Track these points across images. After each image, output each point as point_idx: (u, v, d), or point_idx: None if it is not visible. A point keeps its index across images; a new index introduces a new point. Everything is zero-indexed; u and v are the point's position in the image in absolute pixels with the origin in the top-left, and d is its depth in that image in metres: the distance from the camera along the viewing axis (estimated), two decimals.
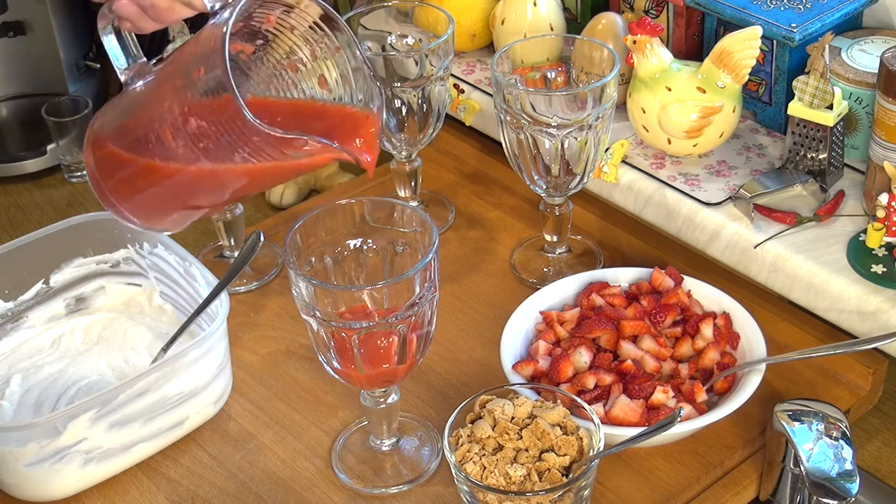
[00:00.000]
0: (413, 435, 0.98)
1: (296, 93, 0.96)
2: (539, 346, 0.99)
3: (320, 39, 0.93)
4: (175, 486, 0.95)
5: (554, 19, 1.24)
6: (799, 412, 0.90)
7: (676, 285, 1.02)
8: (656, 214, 1.11)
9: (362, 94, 0.94)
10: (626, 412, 0.91)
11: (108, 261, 1.10)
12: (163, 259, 1.08)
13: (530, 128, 1.03)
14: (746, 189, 1.06)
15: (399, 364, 0.87)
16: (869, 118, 1.07)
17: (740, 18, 1.09)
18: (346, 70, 0.94)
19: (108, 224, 1.07)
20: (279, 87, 0.96)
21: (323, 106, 0.95)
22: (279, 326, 1.11)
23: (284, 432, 1.00)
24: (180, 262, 1.05)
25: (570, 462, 0.83)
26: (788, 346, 1.03)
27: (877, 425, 1.03)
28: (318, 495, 0.94)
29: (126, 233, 1.08)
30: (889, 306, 0.95)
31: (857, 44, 1.10)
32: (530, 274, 1.15)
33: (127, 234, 1.08)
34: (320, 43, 0.93)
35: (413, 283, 0.83)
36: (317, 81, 0.95)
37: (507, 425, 0.84)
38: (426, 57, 1.11)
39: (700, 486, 0.93)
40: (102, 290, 1.11)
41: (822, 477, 0.86)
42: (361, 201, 0.91)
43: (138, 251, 1.09)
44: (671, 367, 0.97)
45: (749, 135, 1.16)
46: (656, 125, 1.10)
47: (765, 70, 1.12)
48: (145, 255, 1.09)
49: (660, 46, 1.08)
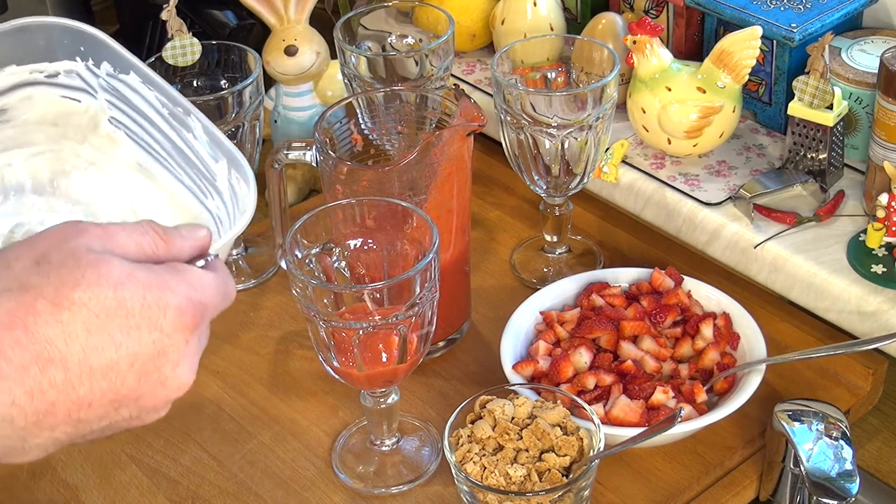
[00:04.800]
0: (413, 435, 0.98)
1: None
2: (539, 346, 0.99)
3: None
4: (175, 486, 0.95)
5: (554, 19, 1.24)
6: (799, 412, 0.90)
7: (676, 286, 1.02)
8: (656, 214, 1.11)
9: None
10: (626, 412, 0.91)
11: (43, 70, 0.91)
12: (134, 90, 0.90)
13: (530, 128, 1.03)
14: (746, 189, 1.06)
15: (399, 364, 0.87)
16: (869, 118, 1.07)
17: (740, 18, 1.09)
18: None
19: (63, 32, 0.89)
20: None
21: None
22: (279, 326, 1.11)
23: (284, 432, 1.00)
24: (165, 104, 0.89)
25: (570, 462, 0.83)
26: (788, 346, 1.03)
27: (877, 425, 1.03)
28: (318, 495, 0.94)
29: (80, 46, 0.89)
30: (889, 306, 0.95)
31: (857, 44, 1.11)
32: (530, 274, 1.15)
33: (80, 48, 0.89)
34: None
35: (413, 283, 0.83)
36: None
37: (507, 425, 0.84)
38: (426, 57, 1.11)
39: (700, 486, 0.93)
40: (28, 100, 0.92)
41: (822, 477, 0.86)
42: (361, 201, 0.91)
43: (90, 67, 0.90)
44: (671, 367, 0.97)
45: (749, 135, 1.16)
46: (656, 125, 1.10)
47: (765, 70, 1.12)
48: (100, 76, 0.91)
49: (660, 46, 1.08)
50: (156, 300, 0.59)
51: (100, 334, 0.58)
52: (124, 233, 0.62)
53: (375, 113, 1.01)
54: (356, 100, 1.00)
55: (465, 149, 0.96)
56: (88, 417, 0.59)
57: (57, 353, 0.57)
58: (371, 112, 1.01)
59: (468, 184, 1.00)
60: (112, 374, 0.58)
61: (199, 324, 0.62)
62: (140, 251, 0.62)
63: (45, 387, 0.57)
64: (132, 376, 0.59)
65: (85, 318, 0.57)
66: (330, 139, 0.97)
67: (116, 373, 0.59)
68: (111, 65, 0.90)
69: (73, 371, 0.57)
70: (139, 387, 0.60)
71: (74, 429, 0.59)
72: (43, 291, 0.57)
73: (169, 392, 0.61)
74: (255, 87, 1.11)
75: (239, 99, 1.10)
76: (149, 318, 0.59)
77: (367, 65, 1.13)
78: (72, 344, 0.57)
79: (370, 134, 1.01)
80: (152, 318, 0.59)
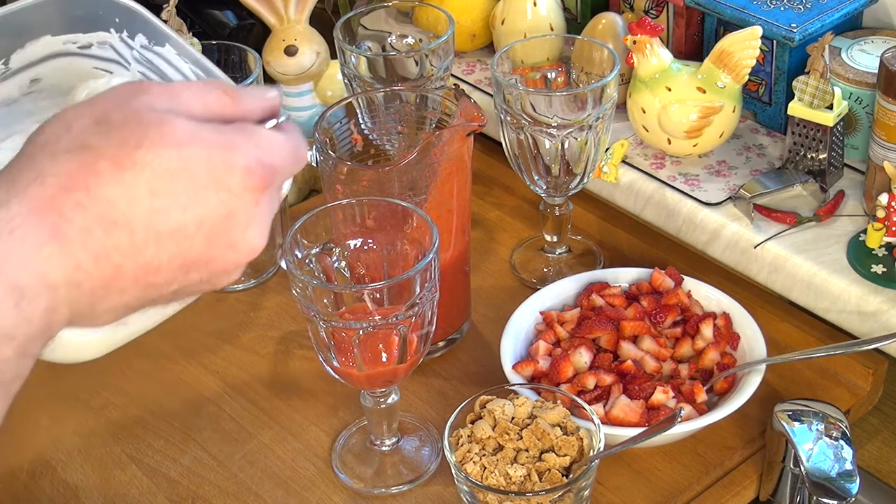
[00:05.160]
0: (413, 435, 0.98)
1: None
2: (539, 346, 0.99)
3: None
4: (175, 486, 0.95)
5: (554, 19, 1.24)
6: (799, 412, 0.90)
7: (676, 286, 1.02)
8: (656, 214, 1.11)
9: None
10: (626, 412, 0.91)
11: (77, 41, 0.90)
12: (168, 63, 0.90)
13: (530, 128, 1.03)
14: (746, 189, 1.06)
15: (399, 364, 0.87)
16: (869, 118, 1.07)
17: (740, 18, 1.09)
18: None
19: (98, 4, 0.88)
20: None
21: None
22: (279, 326, 1.11)
23: (284, 432, 1.00)
24: (200, 76, 0.87)
25: (570, 462, 0.83)
26: (788, 346, 1.03)
27: (877, 425, 1.03)
28: (318, 495, 0.94)
29: (115, 18, 0.89)
30: (889, 306, 0.95)
31: (857, 44, 1.10)
32: (530, 274, 1.15)
33: (115, 19, 0.89)
34: None
35: (413, 283, 0.83)
36: None
37: (507, 425, 0.84)
38: (426, 57, 1.11)
39: (700, 486, 0.93)
40: (61, 71, 0.90)
41: (822, 477, 0.86)
42: (361, 201, 0.90)
43: (124, 39, 0.90)
44: (671, 367, 0.97)
45: (749, 135, 1.16)
46: (656, 125, 1.10)
47: (765, 70, 1.12)
48: (134, 48, 0.91)
49: (660, 46, 1.08)
50: (222, 160, 0.57)
51: (165, 196, 0.55)
52: (189, 91, 0.60)
53: (375, 113, 1.01)
54: (356, 100, 1.00)
55: (465, 149, 0.96)
56: (157, 282, 0.57)
57: (121, 215, 0.54)
58: (371, 112, 1.01)
59: (468, 184, 1.00)
60: (179, 237, 0.56)
61: (269, 185, 0.59)
62: (206, 110, 0.59)
63: (110, 250, 0.54)
64: (201, 239, 0.57)
65: (148, 179, 0.55)
66: (330, 139, 0.97)
67: (184, 236, 0.56)
68: (146, 37, 0.89)
69: (138, 234, 0.55)
70: (208, 250, 0.57)
71: (144, 293, 0.57)
72: (104, 152, 0.54)
73: (240, 255, 0.59)
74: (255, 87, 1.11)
75: None
76: (215, 178, 0.56)
77: (367, 65, 1.13)
78: (136, 206, 0.54)
79: (370, 134, 1.01)
80: (219, 178, 0.57)
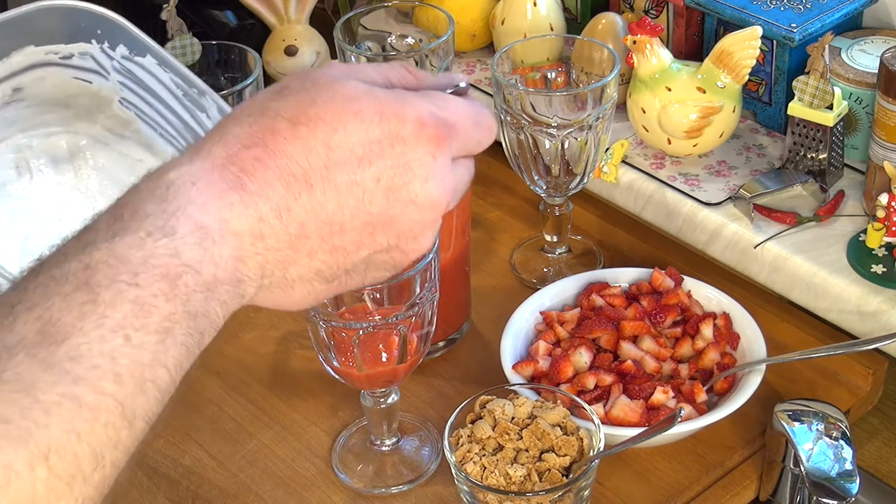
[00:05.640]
0: (413, 435, 0.98)
1: None
2: (539, 346, 0.99)
3: None
4: (175, 486, 0.95)
5: (554, 19, 1.24)
6: (799, 412, 0.90)
7: (676, 286, 1.02)
8: (656, 214, 1.11)
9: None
10: (626, 412, 0.91)
11: (59, 51, 0.91)
12: (148, 72, 0.92)
13: (530, 128, 1.03)
14: (746, 189, 1.06)
15: (399, 364, 0.87)
16: (869, 118, 1.07)
17: (740, 18, 1.09)
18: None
19: (81, 15, 0.91)
20: None
21: None
22: (279, 326, 1.11)
23: (284, 432, 1.00)
24: (181, 85, 0.91)
25: (570, 462, 0.83)
26: (788, 346, 1.03)
27: (877, 425, 1.03)
28: (318, 495, 0.94)
29: (97, 29, 0.91)
30: (889, 306, 0.95)
31: (857, 44, 1.10)
32: (530, 274, 1.15)
33: (97, 30, 0.91)
34: None
35: (413, 283, 0.83)
36: None
37: (507, 425, 0.84)
38: (426, 57, 1.11)
39: (700, 486, 0.93)
40: (41, 81, 0.92)
41: (822, 477, 0.86)
42: None
43: (105, 50, 0.91)
44: (671, 367, 0.97)
45: (749, 135, 1.16)
46: (656, 125, 1.10)
47: (765, 70, 1.12)
48: (115, 58, 0.92)
49: (660, 46, 1.08)
50: (393, 112, 0.57)
51: (340, 149, 0.56)
52: (371, 67, 0.62)
53: None
54: None
55: None
56: (344, 245, 0.58)
57: (298, 168, 0.55)
58: None
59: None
60: (357, 190, 0.57)
61: (445, 140, 0.59)
62: (385, 80, 0.61)
63: (291, 203, 0.55)
64: (379, 193, 0.57)
65: (323, 132, 0.56)
66: None
67: (362, 189, 0.57)
68: (127, 47, 0.91)
69: (317, 188, 0.56)
70: (389, 205, 0.58)
71: (332, 258, 0.58)
72: (281, 112, 0.56)
73: (423, 212, 0.59)
74: (255, 87, 1.11)
75: (239, 99, 1.10)
76: (388, 130, 0.57)
77: None
78: (312, 159, 0.56)
79: None
80: (392, 130, 0.57)
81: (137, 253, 0.51)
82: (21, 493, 0.45)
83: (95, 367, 0.48)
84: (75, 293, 0.49)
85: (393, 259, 0.61)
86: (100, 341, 0.48)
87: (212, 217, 0.54)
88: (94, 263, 0.50)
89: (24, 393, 0.46)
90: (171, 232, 0.52)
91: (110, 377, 0.48)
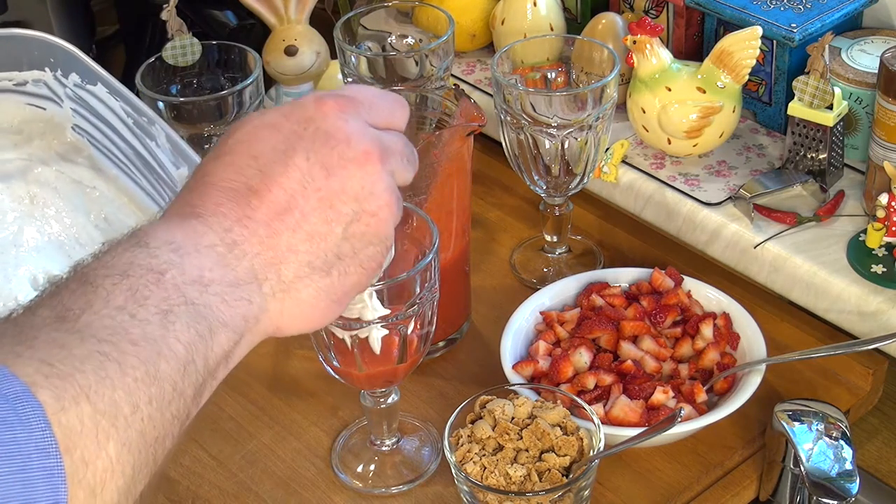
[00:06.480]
0: (413, 435, 0.98)
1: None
2: (539, 346, 0.99)
3: None
4: (175, 486, 0.95)
5: (554, 19, 1.24)
6: (799, 412, 0.90)
7: (676, 286, 1.02)
8: (656, 214, 1.11)
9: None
10: (626, 412, 0.91)
11: (12, 78, 0.94)
12: (100, 100, 0.94)
13: (530, 128, 1.03)
14: (746, 189, 1.06)
15: (399, 364, 0.87)
16: (869, 118, 1.07)
17: (740, 18, 1.09)
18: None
19: (35, 44, 0.93)
20: None
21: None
22: None
23: (284, 432, 1.00)
24: (131, 114, 0.93)
25: (570, 462, 0.83)
26: (788, 346, 1.03)
27: (877, 425, 1.03)
28: (318, 495, 0.94)
29: (49, 58, 0.94)
30: (889, 306, 0.95)
31: (857, 44, 1.11)
32: (530, 274, 1.15)
33: (50, 59, 0.94)
34: None
35: (413, 283, 0.83)
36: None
37: (507, 425, 0.84)
38: (426, 57, 1.11)
39: (700, 486, 0.93)
40: None
41: (822, 477, 0.86)
42: None
43: (58, 77, 0.94)
44: (671, 367, 0.97)
45: (749, 135, 1.16)
46: (656, 125, 1.10)
47: (765, 70, 1.12)
48: (68, 86, 0.95)
49: (660, 46, 1.08)
50: (295, 105, 0.64)
51: (264, 154, 0.62)
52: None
53: None
54: None
55: (465, 149, 0.96)
56: (313, 227, 0.62)
57: (237, 184, 0.61)
58: None
59: (468, 184, 1.00)
60: (296, 174, 0.62)
61: (350, 106, 0.64)
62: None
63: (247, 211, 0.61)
64: (316, 168, 0.62)
65: (244, 151, 0.63)
66: None
67: (300, 171, 0.62)
68: (79, 76, 0.94)
69: (261, 190, 0.61)
70: (329, 174, 0.62)
71: (312, 245, 0.62)
72: (205, 160, 0.64)
73: (361, 167, 0.63)
74: (255, 87, 1.11)
75: (239, 99, 1.10)
76: (295, 118, 0.63)
77: (367, 65, 1.13)
78: (246, 171, 0.62)
79: None
80: (298, 116, 0.63)
81: (120, 260, 0.57)
82: (69, 425, 0.49)
83: (113, 332, 0.53)
84: (78, 289, 0.55)
85: (368, 226, 0.64)
86: (110, 317, 0.54)
87: (178, 238, 0.59)
88: (86, 271, 0.57)
89: (59, 348, 0.51)
90: (145, 245, 0.58)
91: (127, 341, 0.53)
